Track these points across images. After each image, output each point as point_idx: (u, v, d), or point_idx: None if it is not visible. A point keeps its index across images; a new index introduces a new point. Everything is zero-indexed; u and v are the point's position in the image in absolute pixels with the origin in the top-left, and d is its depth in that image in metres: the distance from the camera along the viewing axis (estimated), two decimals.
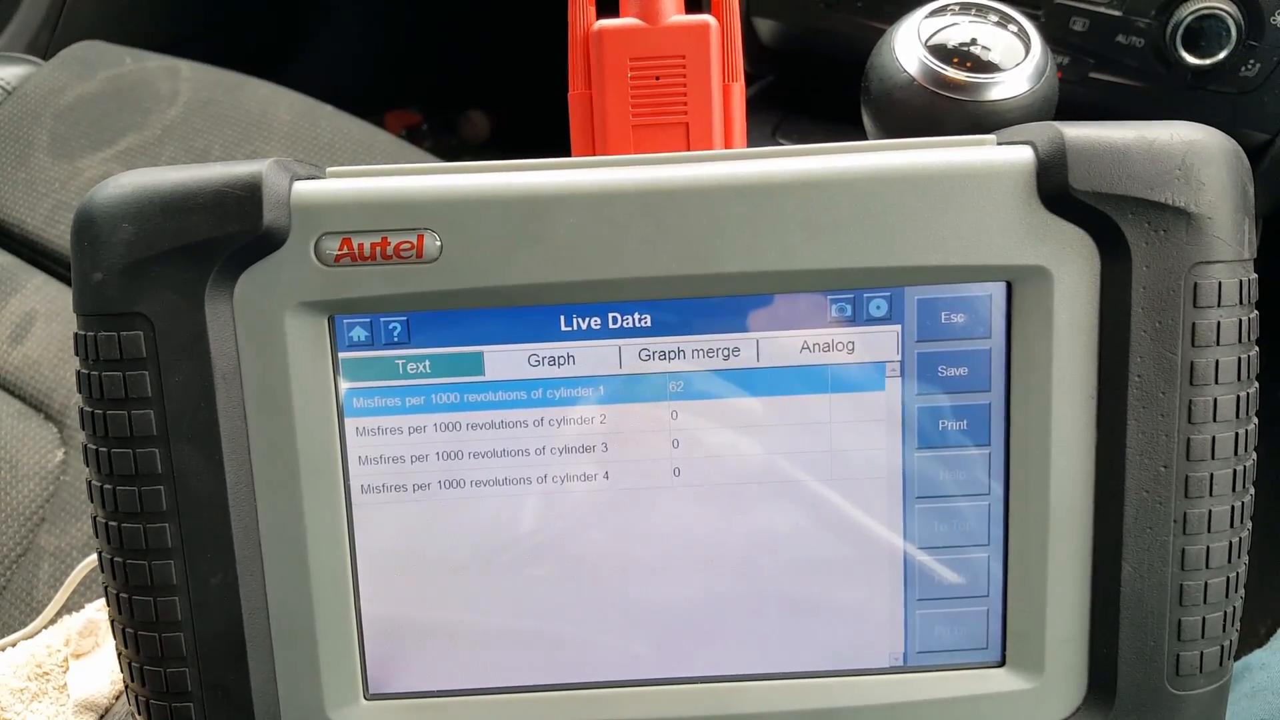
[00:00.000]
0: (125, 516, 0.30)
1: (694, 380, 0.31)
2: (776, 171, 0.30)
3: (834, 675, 0.32)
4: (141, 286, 0.29)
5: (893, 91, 0.43)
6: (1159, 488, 0.30)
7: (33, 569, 0.53)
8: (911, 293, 0.31)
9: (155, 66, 0.74)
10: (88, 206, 0.30)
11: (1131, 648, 0.31)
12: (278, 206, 0.29)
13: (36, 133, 0.70)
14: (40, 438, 0.57)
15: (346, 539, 0.31)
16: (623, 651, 0.33)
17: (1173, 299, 0.29)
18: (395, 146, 0.73)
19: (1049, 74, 0.43)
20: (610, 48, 0.33)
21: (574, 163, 0.30)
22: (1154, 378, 0.30)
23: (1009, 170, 0.30)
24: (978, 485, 0.32)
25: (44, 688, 0.42)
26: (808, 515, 0.32)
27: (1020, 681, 0.32)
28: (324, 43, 1.25)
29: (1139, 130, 0.29)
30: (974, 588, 0.32)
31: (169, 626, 0.30)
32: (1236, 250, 0.29)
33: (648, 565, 0.32)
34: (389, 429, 0.31)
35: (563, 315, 0.31)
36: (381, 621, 0.32)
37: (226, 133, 0.70)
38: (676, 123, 0.34)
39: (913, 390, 0.31)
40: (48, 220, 0.67)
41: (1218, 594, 0.31)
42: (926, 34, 0.43)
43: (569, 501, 0.32)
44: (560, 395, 0.31)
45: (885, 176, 0.29)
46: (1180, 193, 0.29)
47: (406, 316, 0.31)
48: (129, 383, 0.30)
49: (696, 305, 0.31)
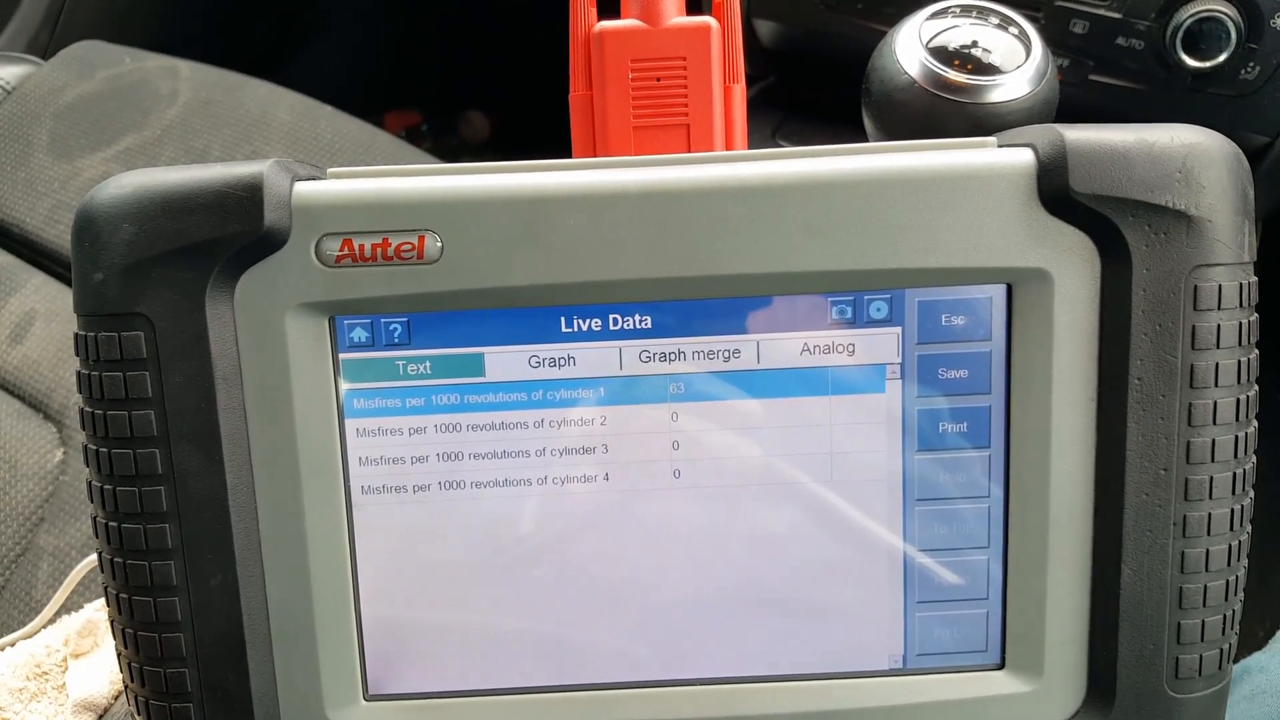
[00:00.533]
0: (125, 517, 0.30)
1: (694, 382, 0.31)
2: (777, 173, 0.30)
3: (833, 677, 0.32)
4: (142, 287, 0.29)
5: (893, 93, 0.43)
6: (1159, 490, 0.30)
7: (31, 569, 0.53)
8: (912, 295, 0.31)
9: (155, 66, 0.74)
10: (88, 206, 0.30)
11: (1131, 650, 0.31)
12: (279, 207, 0.29)
13: (36, 132, 0.70)
14: (39, 438, 0.57)
15: (346, 540, 0.31)
16: (622, 653, 0.33)
17: (1173, 302, 0.29)
18: (395, 147, 0.73)
19: (1049, 76, 0.43)
20: (611, 49, 0.33)
21: (575, 164, 0.30)
22: (1154, 380, 0.30)
23: (1009, 173, 0.30)
24: (978, 487, 0.32)
25: (43, 687, 0.42)
26: (808, 517, 0.32)
27: (1019, 684, 0.32)
28: (323, 43, 1.25)
29: (1139, 133, 0.29)
30: (974, 590, 0.32)
31: (169, 627, 0.30)
32: (1237, 253, 0.30)
33: (647, 567, 0.32)
34: (389, 430, 0.31)
35: (563, 316, 0.31)
36: (381, 622, 0.32)
37: (226, 133, 0.70)
38: (677, 124, 0.34)
39: (913, 392, 0.31)
40: (47, 220, 0.67)
41: (1217, 597, 0.31)
42: (927, 36, 0.43)
43: (569, 503, 0.32)
44: (561, 396, 0.31)
45: (886, 178, 0.29)
46: (1181, 196, 0.29)
47: (407, 317, 0.31)
48: (129, 383, 0.30)
49: (697, 307, 0.31)
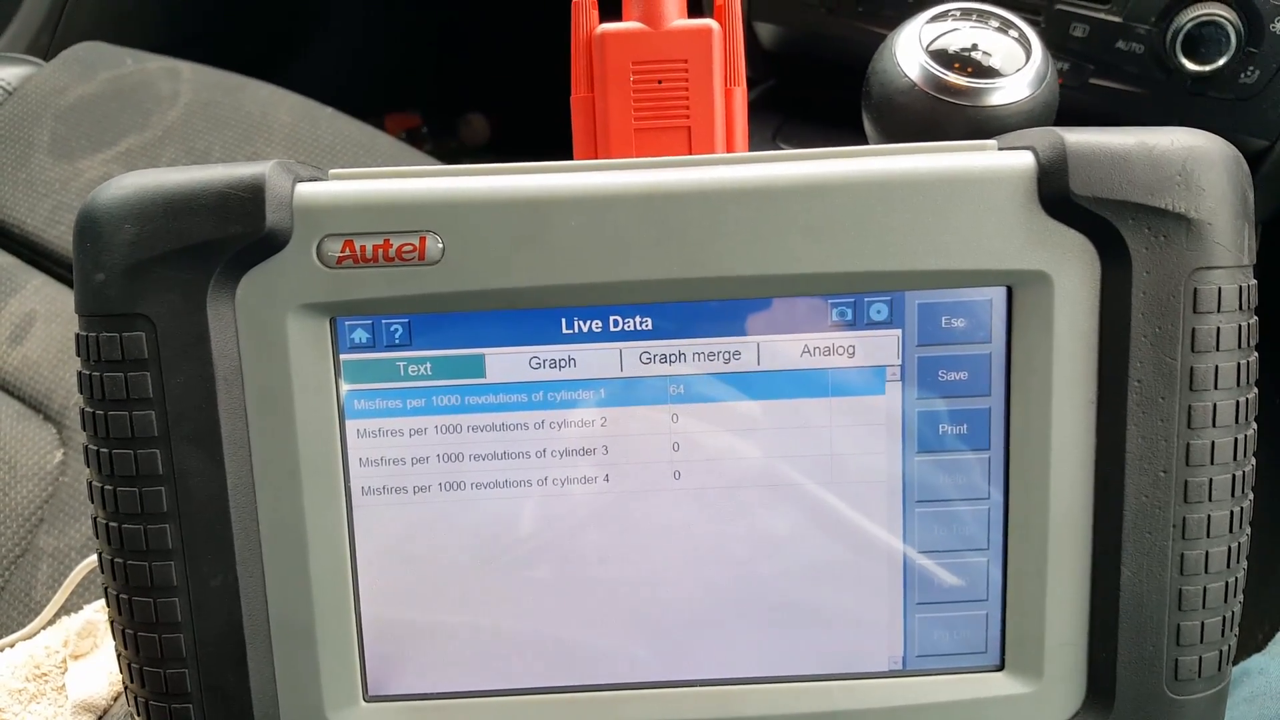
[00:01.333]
0: (126, 517, 0.30)
1: (695, 383, 0.31)
2: (778, 175, 0.30)
3: (833, 679, 0.32)
4: (143, 287, 0.29)
5: (894, 96, 0.43)
6: (1158, 492, 0.30)
7: (31, 570, 0.53)
8: (912, 297, 0.31)
9: (156, 68, 0.74)
10: (90, 207, 0.30)
11: (1130, 652, 0.31)
12: (280, 208, 0.29)
13: (37, 133, 0.70)
14: (39, 439, 0.57)
15: (347, 540, 0.31)
16: (622, 654, 0.33)
17: (1173, 304, 0.29)
18: (395, 149, 0.73)
19: (1050, 80, 0.43)
20: (613, 51, 0.34)
21: (576, 166, 0.30)
22: (1154, 383, 0.30)
23: (1010, 175, 0.30)
24: (977, 490, 0.32)
25: (42, 689, 0.42)
26: (808, 518, 0.32)
27: (1019, 686, 0.32)
28: (324, 45, 1.25)
29: (1139, 136, 0.29)
30: (973, 592, 0.32)
31: (169, 627, 0.30)
32: (1236, 256, 0.30)
33: (647, 568, 0.32)
34: (390, 431, 0.31)
35: (564, 318, 0.31)
36: (381, 623, 0.32)
37: (227, 134, 0.70)
38: (678, 126, 0.34)
39: (913, 394, 0.31)
40: (48, 221, 0.67)
41: (1216, 599, 0.31)
42: (928, 39, 0.43)
43: (569, 504, 0.32)
44: (561, 398, 0.31)
45: (886, 181, 0.30)
46: (1180, 198, 0.29)
47: (408, 318, 0.31)
48: (130, 383, 0.30)
49: (697, 308, 0.31)
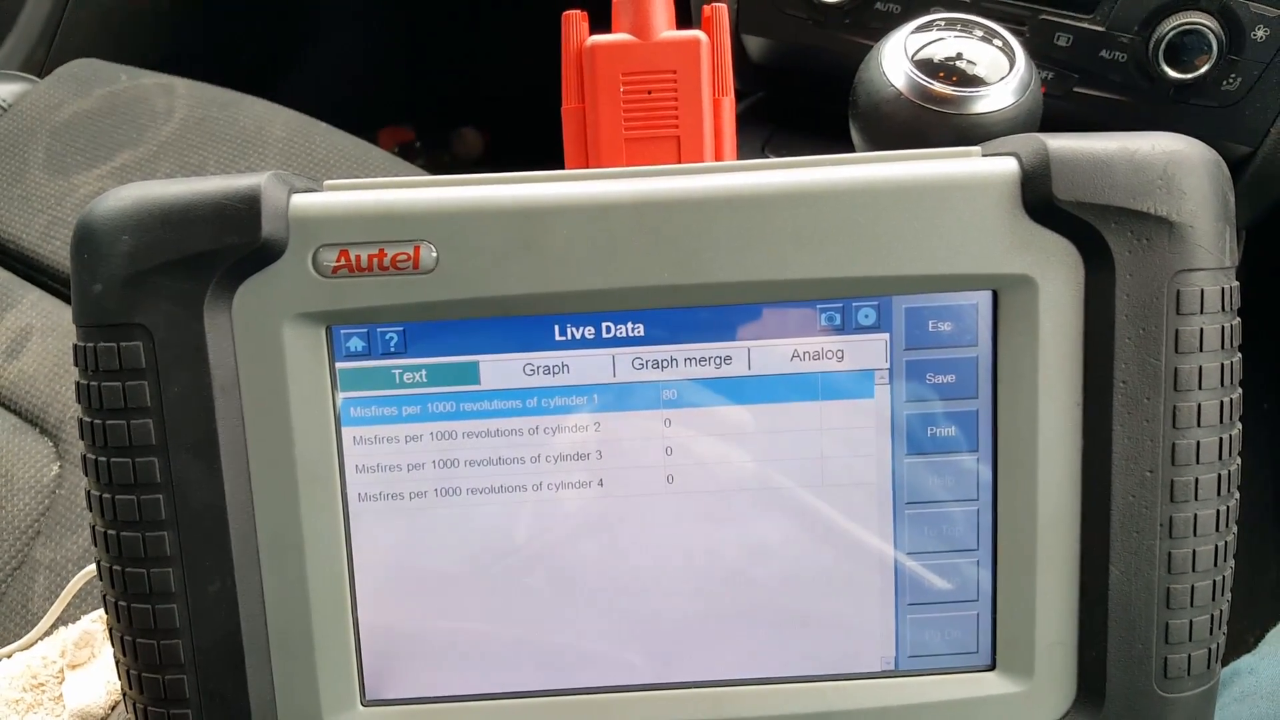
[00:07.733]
0: (124, 525, 0.30)
1: (687, 388, 0.32)
2: (766, 183, 0.30)
3: (825, 680, 0.33)
4: (141, 297, 0.30)
5: (880, 105, 0.44)
6: (1145, 492, 0.30)
7: (28, 582, 0.53)
8: (899, 302, 0.31)
9: (150, 83, 0.74)
10: (88, 218, 0.30)
11: (1120, 651, 0.31)
12: (276, 218, 0.30)
13: (32, 149, 0.70)
14: (36, 452, 0.57)
15: (344, 547, 0.32)
16: (616, 657, 0.33)
17: (1156, 306, 0.30)
18: (389, 163, 0.73)
19: (1033, 88, 0.44)
20: (603, 62, 0.34)
21: (568, 175, 0.31)
22: (1138, 384, 0.30)
23: (994, 181, 0.30)
24: (966, 491, 0.32)
25: (39, 699, 0.42)
26: (800, 521, 0.32)
27: (1010, 685, 0.32)
28: (318, 60, 1.25)
29: (1121, 141, 0.30)
30: (964, 593, 0.32)
31: (167, 634, 0.31)
32: (1218, 258, 0.30)
33: (641, 572, 0.32)
34: (386, 438, 0.32)
35: (557, 325, 0.31)
36: (378, 628, 0.32)
37: (221, 149, 0.70)
38: (668, 136, 0.34)
39: (901, 397, 0.32)
40: (43, 236, 0.67)
41: (1204, 597, 0.31)
42: (913, 49, 0.44)
43: (563, 509, 0.32)
44: (555, 404, 0.32)
45: (873, 188, 0.30)
46: (1162, 202, 0.29)
47: (403, 327, 0.31)
48: (128, 393, 0.30)
49: (688, 315, 0.31)
